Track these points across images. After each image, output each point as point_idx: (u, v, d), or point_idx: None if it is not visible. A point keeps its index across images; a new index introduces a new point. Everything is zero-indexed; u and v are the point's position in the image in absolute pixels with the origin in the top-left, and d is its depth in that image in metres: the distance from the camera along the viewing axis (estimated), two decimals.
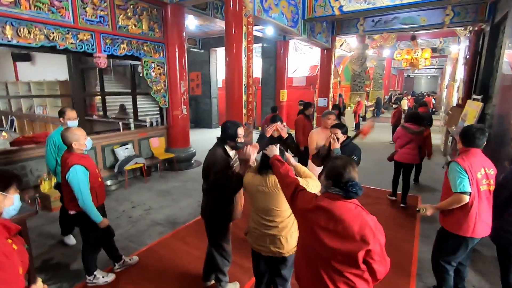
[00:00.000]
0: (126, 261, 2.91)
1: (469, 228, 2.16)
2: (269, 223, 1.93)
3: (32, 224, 3.80)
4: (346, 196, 1.39)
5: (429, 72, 28.57)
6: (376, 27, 8.53)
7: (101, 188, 2.58)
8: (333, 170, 1.45)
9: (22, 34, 3.84)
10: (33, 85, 9.21)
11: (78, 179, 2.29)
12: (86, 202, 2.32)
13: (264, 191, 1.92)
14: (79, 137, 2.36)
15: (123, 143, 5.42)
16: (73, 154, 2.36)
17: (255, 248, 2.04)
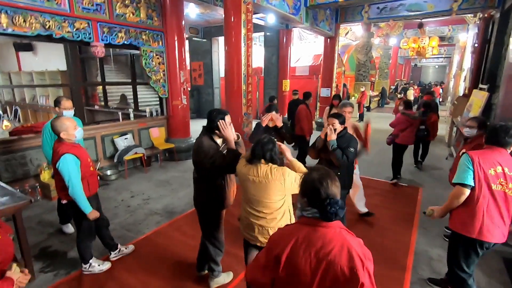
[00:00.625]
0: (122, 250, 2.93)
1: (475, 228, 2.01)
2: (258, 213, 1.92)
3: (32, 212, 3.86)
4: (323, 217, 1.15)
5: (437, 62, 27.90)
6: (382, 14, 8.29)
7: (94, 178, 2.58)
8: (307, 185, 1.20)
9: (17, 22, 3.80)
10: (35, 75, 9.22)
11: (68, 168, 2.28)
12: (76, 191, 2.32)
13: (254, 181, 1.89)
14: (67, 127, 2.34)
15: (122, 133, 5.42)
16: (64, 143, 2.35)
17: (244, 235, 2.06)
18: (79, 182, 2.34)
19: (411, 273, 2.69)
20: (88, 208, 2.40)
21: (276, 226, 1.92)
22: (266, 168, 1.87)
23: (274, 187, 1.85)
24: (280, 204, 1.91)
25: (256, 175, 1.88)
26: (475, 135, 2.92)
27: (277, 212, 1.92)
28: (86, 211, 2.40)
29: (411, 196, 4.43)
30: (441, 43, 16.95)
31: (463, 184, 1.99)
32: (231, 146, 2.19)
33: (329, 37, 9.15)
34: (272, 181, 1.85)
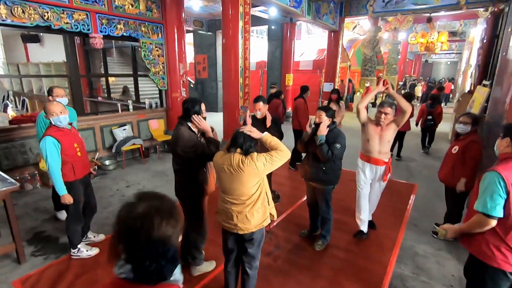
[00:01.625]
0: (89, 237, 3.01)
1: (509, 260, 1.63)
2: (235, 200, 1.95)
3: (30, 199, 3.99)
4: (137, 277, 0.78)
5: (448, 58, 27.16)
6: (387, 7, 8.12)
7: (80, 163, 2.64)
8: (121, 223, 0.80)
9: (16, 13, 3.87)
10: (42, 66, 9.40)
11: (47, 149, 2.39)
12: (51, 172, 2.43)
13: (229, 171, 1.91)
14: (53, 111, 2.43)
15: (121, 124, 5.50)
16: (51, 127, 2.48)
17: (223, 225, 2.08)
18: (56, 163, 2.43)
19: (393, 267, 2.68)
20: (62, 190, 2.49)
21: (253, 210, 1.95)
22: (238, 158, 1.89)
23: (248, 174, 1.87)
24: (256, 188, 1.94)
25: (230, 164, 1.90)
26: (468, 132, 2.88)
27: (254, 196, 1.95)
28: (59, 193, 2.50)
29: (405, 192, 4.39)
30: (453, 38, 16.51)
31: (489, 216, 1.58)
32: (209, 135, 2.23)
33: (333, 31, 9.03)
34: (245, 169, 1.87)
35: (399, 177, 4.98)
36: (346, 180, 4.74)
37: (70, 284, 2.47)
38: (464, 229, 1.77)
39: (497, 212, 1.56)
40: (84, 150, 2.73)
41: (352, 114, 12.12)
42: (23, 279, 2.52)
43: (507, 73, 3.18)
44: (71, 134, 2.61)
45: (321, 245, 2.93)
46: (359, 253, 2.89)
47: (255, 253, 2.09)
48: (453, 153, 2.95)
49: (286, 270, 2.64)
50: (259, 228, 2.01)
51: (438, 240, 3.14)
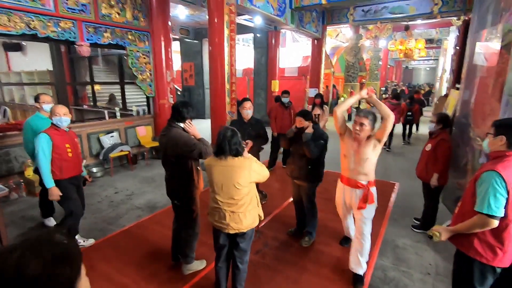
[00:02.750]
0: (79, 241, 3.04)
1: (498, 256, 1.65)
2: (228, 200, 2.04)
3: (16, 208, 3.95)
4: None
5: (427, 64, 28.36)
6: (366, 16, 8.53)
7: (69, 164, 2.76)
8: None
9: (1, 22, 3.89)
10: (24, 75, 9.25)
11: (39, 143, 2.58)
12: (40, 164, 2.58)
13: (223, 172, 2.01)
14: (57, 112, 2.68)
15: (108, 131, 5.51)
16: (51, 126, 2.67)
17: (216, 226, 2.16)
18: (45, 157, 2.59)
19: (375, 260, 2.83)
20: (49, 183, 2.63)
21: (246, 211, 2.06)
22: (231, 158, 2.01)
23: (242, 173, 1.99)
24: (248, 189, 2.06)
25: (223, 165, 2.02)
26: (440, 131, 3.10)
27: (246, 197, 2.05)
28: (47, 185, 2.63)
29: (386, 191, 4.59)
30: (430, 45, 17.32)
31: (492, 216, 1.56)
32: (199, 138, 2.36)
33: (316, 39, 9.35)
34: (241, 167, 1.99)
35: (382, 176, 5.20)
36: (331, 180, 4.92)
37: None
38: (461, 229, 1.73)
39: (499, 211, 1.54)
40: (76, 152, 2.84)
41: None
42: None
43: (472, 77, 3.45)
44: (65, 135, 2.76)
45: (307, 241, 3.06)
46: (343, 248, 3.03)
47: (246, 248, 2.19)
48: (426, 150, 3.18)
49: (274, 266, 2.74)
50: (250, 229, 2.12)
51: (416, 233, 3.33)
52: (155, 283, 2.53)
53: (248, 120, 3.44)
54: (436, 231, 1.82)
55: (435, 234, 1.82)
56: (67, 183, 2.75)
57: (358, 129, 2.33)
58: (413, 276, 2.63)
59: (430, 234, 1.85)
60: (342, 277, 2.59)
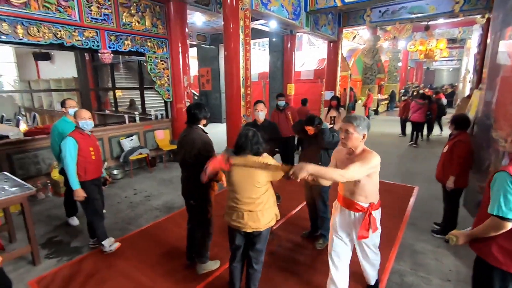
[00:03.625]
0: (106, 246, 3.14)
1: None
2: (246, 199, 2.08)
3: (43, 207, 4.17)
4: None
5: (450, 64, 27.29)
6: (384, 17, 8.38)
7: (93, 166, 2.90)
8: None
9: (32, 32, 4.17)
10: (52, 82, 9.80)
11: (66, 147, 2.71)
12: (67, 166, 2.71)
13: (242, 170, 2.05)
14: (76, 115, 2.86)
15: (128, 135, 5.72)
16: (75, 130, 2.82)
17: (233, 225, 2.18)
18: (71, 160, 2.72)
19: (392, 264, 2.76)
20: (75, 184, 2.75)
21: (264, 210, 2.09)
22: (251, 157, 2.05)
23: (261, 171, 2.02)
24: (265, 189, 2.09)
25: (243, 164, 2.06)
26: (458, 132, 3.01)
27: (263, 196, 2.09)
28: (73, 187, 2.75)
29: (405, 194, 4.47)
30: (452, 45, 16.72)
31: (504, 218, 1.51)
32: None
33: (332, 41, 9.29)
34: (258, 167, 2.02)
35: (400, 179, 5.06)
36: None
37: (81, 284, 2.59)
38: (477, 233, 1.68)
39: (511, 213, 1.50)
40: (98, 155, 2.99)
41: None
42: (39, 279, 2.65)
43: (494, 77, 3.31)
44: (89, 139, 2.91)
45: (322, 244, 3.03)
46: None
47: (262, 248, 2.21)
48: (443, 152, 3.08)
49: (288, 268, 2.74)
50: (267, 228, 2.15)
51: (436, 238, 3.21)
52: (171, 281, 2.60)
53: (261, 123, 3.48)
54: (453, 235, 1.78)
55: (451, 238, 1.78)
56: (91, 184, 2.88)
57: (343, 137, 2.00)
58: (432, 282, 2.55)
59: (447, 238, 1.83)
60: (357, 279, 2.54)
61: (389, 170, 5.72)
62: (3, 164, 4.18)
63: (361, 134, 1.98)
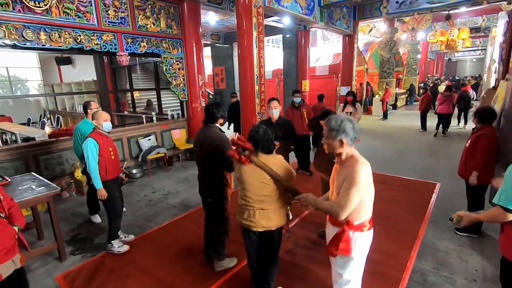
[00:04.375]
0: (120, 237, 3.26)
1: None
2: (258, 197, 2.07)
3: (67, 206, 4.35)
4: None
5: (473, 55, 26.12)
6: (401, 8, 8.08)
7: (112, 166, 2.99)
8: None
9: (54, 38, 4.33)
10: (74, 85, 10.18)
11: (88, 148, 2.79)
12: (91, 167, 2.81)
13: (253, 167, 2.05)
14: (98, 117, 2.93)
15: (146, 135, 5.85)
16: (94, 131, 2.91)
17: (245, 224, 2.18)
18: (94, 161, 2.81)
19: (413, 262, 2.68)
20: (98, 184, 2.85)
21: (275, 208, 2.08)
22: (262, 155, 2.05)
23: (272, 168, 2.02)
24: (275, 186, 2.07)
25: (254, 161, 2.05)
26: (481, 126, 2.88)
27: (274, 194, 2.08)
28: (96, 186, 2.85)
29: (426, 191, 4.32)
30: (476, 34, 15.92)
31: (506, 209, 1.52)
32: None
33: (347, 35, 9.09)
34: (271, 164, 2.03)
35: (421, 175, 4.91)
36: None
37: (104, 279, 2.69)
38: (482, 218, 1.71)
39: None
40: (116, 155, 3.08)
41: (371, 117, 11.97)
42: (65, 274, 2.78)
43: None
44: (108, 139, 3.00)
45: None
46: (376, 249, 2.88)
47: (277, 247, 2.21)
48: (466, 146, 2.95)
49: (305, 266, 2.72)
50: (279, 227, 2.13)
51: (460, 236, 3.09)
52: (189, 278, 2.65)
53: (275, 121, 3.46)
54: (458, 215, 1.80)
55: (456, 217, 1.81)
56: (111, 183, 2.98)
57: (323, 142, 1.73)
58: (456, 282, 2.45)
59: (451, 217, 1.83)
60: (375, 279, 2.49)
61: (409, 165, 5.59)
62: (30, 164, 4.39)
63: (336, 140, 1.63)
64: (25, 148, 4.37)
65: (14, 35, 3.98)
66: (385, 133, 8.77)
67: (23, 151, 4.34)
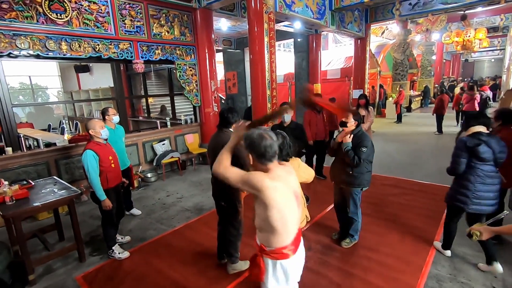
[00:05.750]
0: (118, 239, 3.33)
1: None
2: None
3: (86, 208, 4.50)
4: None
5: (491, 55, 25.33)
6: (414, 10, 8.00)
7: (113, 174, 3.03)
8: None
9: (74, 48, 4.54)
10: (91, 92, 10.54)
11: (87, 161, 2.78)
12: (92, 180, 2.82)
13: None
14: (94, 125, 2.90)
15: (160, 140, 5.99)
16: (91, 141, 2.91)
17: None
18: (95, 173, 2.81)
19: (429, 268, 2.64)
20: (102, 195, 2.87)
21: None
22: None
23: None
24: None
25: None
26: (498, 127, 2.82)
27: None
28: (100, 198, 2.87)
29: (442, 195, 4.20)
30: (494, 34, 15.48)
31: None
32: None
33: (359, 38, 9.04)
34: None
35: (436, 179, 4.80)
36: (378, 184, 4.73)
37: (122, 279, 2.78)
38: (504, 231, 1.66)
39: None
40: (117, 162, 3.13)
41: (385, 120, 11.80)
42: (84, 275, 2.88)
43: None
44: (106, 148, 3.03)
45: (348, 243, 2.99)
46: (391, 254, 2.88)
47: None
48: None
49: (318, 270, 2.72)
50: None
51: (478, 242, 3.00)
52: (203, 280, 2.69)
53: (287, 125, 3.49)
54: (476, 230, 1.69)
55: (475, 234, 1.69)
56: (112, 191, 3.03)
57: None
58: None
59: (469, 232, 1.71)
60: (390, 284, 2.46)
61: (424, 169, 5.49)
62: (51, 169, 4.58)
63: (251, 156, 1.52)
64: (47, 153, 4.56)
65: (38, 45, 4.20)
66: (399, 136, 8.63)
67: (45, 156, 4.54)
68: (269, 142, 1.44)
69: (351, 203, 2.90)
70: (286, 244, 1.50)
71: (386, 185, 4.75)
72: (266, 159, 1.46)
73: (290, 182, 1.53)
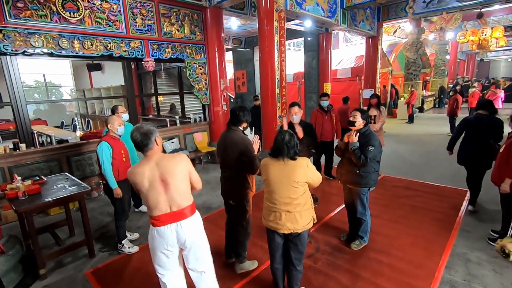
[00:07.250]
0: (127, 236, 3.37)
1: None
2: (284, 199, 2.08)
3: (96, 204, 4.57)
4: None
5: (509, 54, 24.60)
6: (428, 8, 7.79)
7: (124, 167, 3.10)
8: None
9: (86, 46, 4.60)
10: (103, 90, 10.71)
11: (102, 151, 2.94)
12: (105, 169, 2.96)
13: (280, 169, 2.07)
14: (113, 121, 3.10)
15: (170, 138, 6.03)
16: (107, 135, 3.07)
17: (271, 226, 2.19)
18: (108, 162, 2.96)
19: (442, 273, 2.56)
20: (113, 184, 2.99)
21: (302, 211, 2.09)
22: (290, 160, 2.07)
23: (299, 171, 2.04)
24: (303, 190, 2.08)
25: (282, 163, 2.08)
26: None
27: (301, 197, 2.08)
28: (112, 186, 2.99)
29: (456, 198, 4.11)
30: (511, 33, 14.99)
31: None
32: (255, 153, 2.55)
33: (371, 37, 8.89)
34: (297, 166, 2.05)
35: (451, 182, 4.68)
36: (388, 185, 4.64)
37: (131, 275, 2.80)
38: None
39: None
40: (128, 157, 3.24)
41: (396, 120, 11.59)
42: (94, 270, 2.91)
43: None
44: (120, 142, 3.15)
45: (357, 244, 2.93)
46: (403, 257, 2.81)
47: (302, 249, 2.20)
48: (500, 152, 2.78)
49: (326, 272, 2.67)
50: (305, 230, 2.13)
51: (494, 247, 2.90)
52: None
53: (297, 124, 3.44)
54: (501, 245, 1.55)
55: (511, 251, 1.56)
56: (122, 184, 3.09)
57: None
58: None
59: (501, 249, 1.57)
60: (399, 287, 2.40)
61: (437, 171, 5.35)
62: (63, 165, 4.66)
63: None
64: (59, 150, 4.64)
65: (51, 44, 4.27)
66: (411, 137, 8.45)
67: (57, 152, 4.62)
68: None
69: (358, 203, 2.85)
70: (155, 214, 1.98)
71: (398, 186, 4.64)
72: None
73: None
